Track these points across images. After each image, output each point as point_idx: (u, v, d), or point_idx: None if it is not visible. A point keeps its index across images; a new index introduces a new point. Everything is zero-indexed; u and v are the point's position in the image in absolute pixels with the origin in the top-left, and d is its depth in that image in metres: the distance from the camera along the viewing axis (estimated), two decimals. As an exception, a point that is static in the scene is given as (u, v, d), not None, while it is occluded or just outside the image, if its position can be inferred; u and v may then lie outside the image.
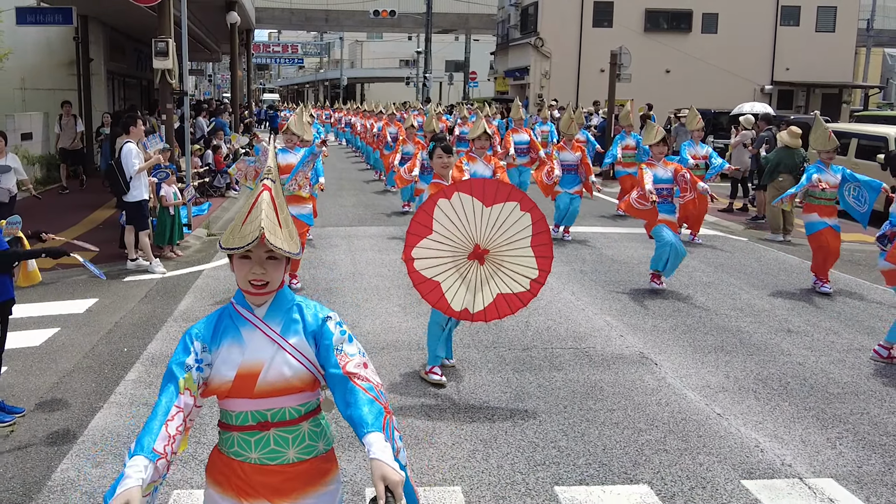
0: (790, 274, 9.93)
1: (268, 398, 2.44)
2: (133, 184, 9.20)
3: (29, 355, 6.50)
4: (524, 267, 5.38)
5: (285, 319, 2.48)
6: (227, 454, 2.52)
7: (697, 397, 5.71)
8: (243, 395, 2.44)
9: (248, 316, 2.48)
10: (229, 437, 2.51)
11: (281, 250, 2.38)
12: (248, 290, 2.46)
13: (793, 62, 34.60)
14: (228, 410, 2.49)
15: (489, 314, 5.42)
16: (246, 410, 2.46)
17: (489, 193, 5.26)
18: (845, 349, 6.93)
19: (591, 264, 10.08)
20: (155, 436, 2.29)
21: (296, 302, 2.53)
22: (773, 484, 4.48)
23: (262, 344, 2.45)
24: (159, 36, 11.18)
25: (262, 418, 2.46)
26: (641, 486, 4.40)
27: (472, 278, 5.34)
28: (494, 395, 5.66)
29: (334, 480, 2.60)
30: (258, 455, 2.47)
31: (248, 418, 2.46)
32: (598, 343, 6.88)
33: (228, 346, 2.46)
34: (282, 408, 2.45)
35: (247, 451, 2.48)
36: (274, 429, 2.47)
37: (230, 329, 2.48)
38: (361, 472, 4.48)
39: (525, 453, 4.76)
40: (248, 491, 2.48)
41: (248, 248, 2.36)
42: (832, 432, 5.20)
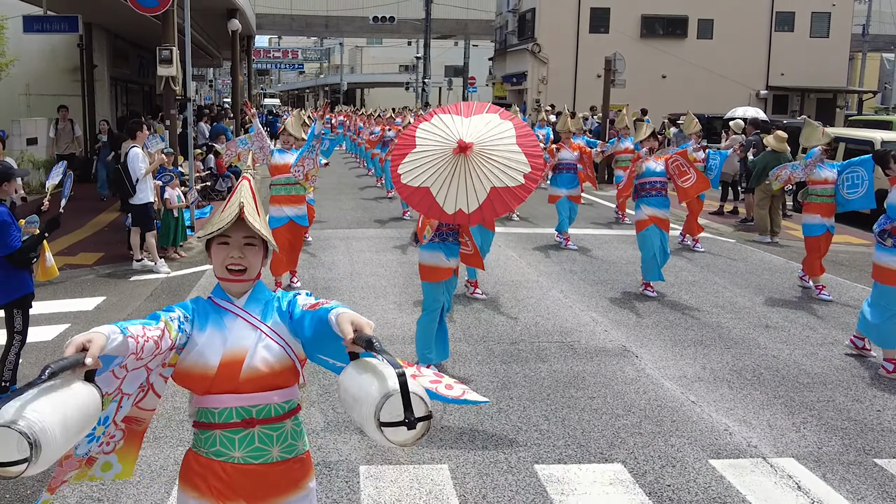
0: (773, 274, 10.27)
1: (253, 393, 2.41)
2: (139, 186, 9.55)
3: (42, 349, 6.84)
4: (514, 161, 5.02)
5: (264, 308, 2.49)
6: (206, 455, 2.45)
7: (674, 386, 6.06)
8: (228, 389, 2.40)
9: (228, 307, 2.47)
10: (210, 436, 2.44)
11: (260, 231, 2.40)
12: (225, 277, 2.46)
13: (787, 67, 35.01)
14: (211, 408, 2.43)
15: (486, 212, 5.02)
16: (231, 407, 2.41)
17: (467, 109, 5.29)
18: (819, 343, 7.28)
19: (581, 265, 10.43)
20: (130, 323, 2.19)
21: (272, 296, 2.54)
22: (738, 463, 4.82)
23: (244, 331, 2.43)
24: (163, 44, 11.53)
25: (248, 415, 2.41)
26: (615, 464, 4.75)
27: (462, 175, 4.99)
28: (482, 385, 6.00)
29: (312, 480, 2.57)
30: (242, 454, 2.42)
31: (232, 415, 2.41)
32: (583, 337, 7.23)
33: (211, 332, 2.43)
34: (267, 404, 2.42)
35: (230, 450, 2.42)
36: (259, 426, 2.42)
37: (213, 317, 2.46)
38: (356, 453, 4.82)
39: (508, 436, 5.11)
40: (227, 494, 2.42)
41: (227, 228, 2.38)
42: (798, 418, 5.54)
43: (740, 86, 33.88)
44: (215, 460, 2.43)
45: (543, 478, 4.55)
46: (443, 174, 5.01)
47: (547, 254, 11.12)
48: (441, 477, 4.55)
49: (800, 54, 34.83)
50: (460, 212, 5.01)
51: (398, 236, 12.21)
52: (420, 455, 4.81)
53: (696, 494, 4.42)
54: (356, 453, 4.82)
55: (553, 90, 33.74)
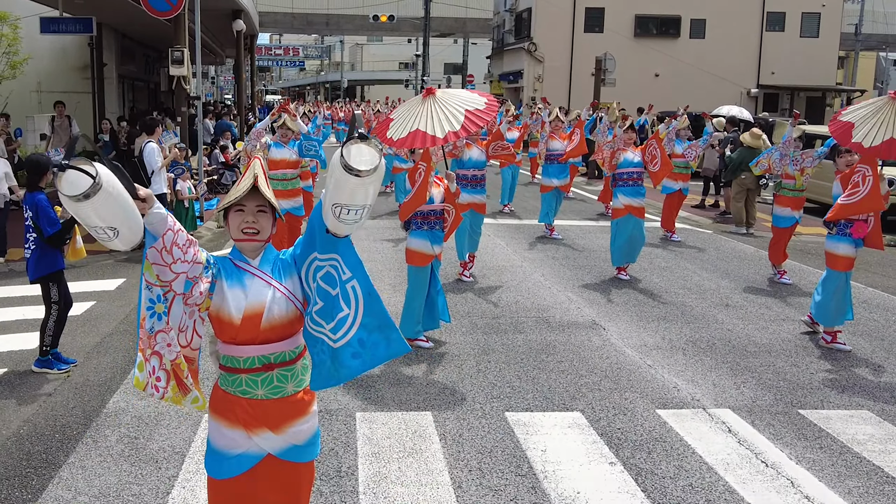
0: (743, 261, 11.06)
1: (271, 343, 2.94)
2: (154, 178, 10.34)
3: (72, 322, 7.62)
4: (474, 98, 6.06)
5: (273, 266, 2.98)
6: (232, 392, 2.99)
7: (634, 353, 6.86)
8: (250, 339, 2.91)
9: (245, 266, 2.95)
10: (237, 378, 2.97)
11: (270, 199, 2.89)
12: (240, 238, 2.92)
13: (778, 66, 35.80)
14: (236, 356, 2.95)
15: (470, 126, 5.80)
16: (253, 355, 2.94)
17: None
18: (772, 319, 8.07)
19: (563, 252, 11.22)
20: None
21: (278, 254, 3.04)
22: (681, 412, 5.62)
23: (261, 288, 2.92)
24: (175, 45, 12.29)
25: (267, 361, 2.95)
26: (574, 413, 5.55)
27: (437, 109, 5.83)
28: (464, 351, 6.80)
29: (315, 405, 3.14)
30: (263, 392, 2.96)
31: (254, 362, 2.94)
32: (557, 313, 8.03)
33: (235, 289, 2.91)
34: (282, 351, 2.97)
35: (254, 389, 2.96)
36: (277, 369, 2.97)
37: (235, 275, 2.94)
38: (353, 402, 5.62)
39: (484, 390, 5.92)
40: (253, 423, 2.97)
41: (242, 196, 2.85)
42: (739, 378, 6.34)
43: (732, 84, 34.66)
44: (241, 397, 2.98)
45: (512, 422, 5.36)
46: (423, 115, 5.84)
47: (532, 243, 11.91)
48: (425, 421, 5.36)
49: (790, 54, 35.62)
50: (450, 132, 5.76)
51: (393, 226, 12.98)
52: (407, 404, 5.62)
53: (641, 435, 5.23)
54: (353, 402, 5.62)
55: (548, 88, 34.48)
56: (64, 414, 5.49)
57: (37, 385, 6.03)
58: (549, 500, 4.36)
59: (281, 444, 3.03)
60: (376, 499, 4.34)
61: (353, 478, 4.57)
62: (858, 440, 5.26)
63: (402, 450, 4.94)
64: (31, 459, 4.81)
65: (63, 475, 4.59)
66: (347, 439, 5.07)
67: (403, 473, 4.63)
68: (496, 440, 5.10)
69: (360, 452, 4.87)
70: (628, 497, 4.41)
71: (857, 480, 4.71)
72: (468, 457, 4.86)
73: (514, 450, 4.96)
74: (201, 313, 2.89)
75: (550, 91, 34.06)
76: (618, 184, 9.58)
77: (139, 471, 4.64)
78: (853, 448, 5.14)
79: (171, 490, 4.42)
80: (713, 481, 4.63)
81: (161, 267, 2.72)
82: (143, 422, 5.35)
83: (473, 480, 4.57)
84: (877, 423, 5.55)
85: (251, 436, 3.00)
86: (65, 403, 5.67)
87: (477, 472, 4.66)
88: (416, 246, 6.82)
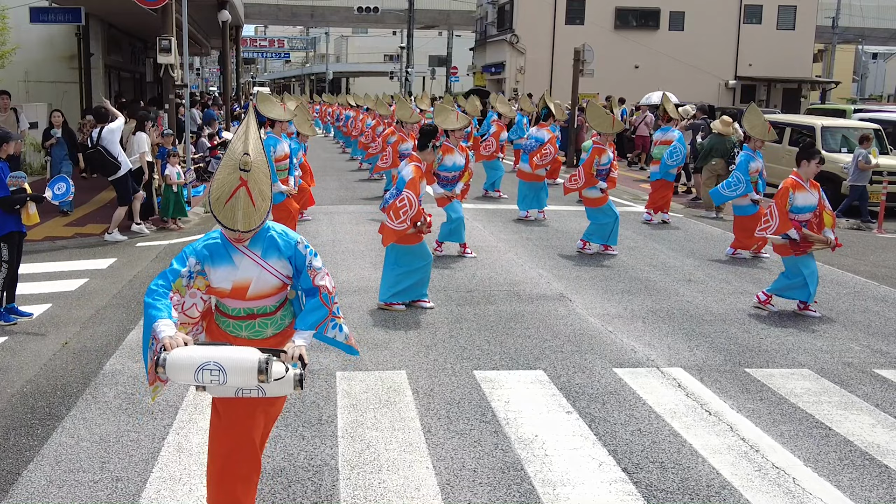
0: (709, 242, 11.58)
1: (255, 300, 3.52)
2: (120, 158, 10.55)
3: (68, 296, 8.04)
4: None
5: (263, 245, 3.47)
6: (223, 330, 3.64)
7: (597, 321, 7.35)
8: (238, 299, 3.51)
9: (237, 245, 3.46)
10: (225, 321, 3.61)
11: (257, 227, 3.35)
12: (230, 240, 3.45)
13: (755, 58, 36.47)
14: (227, 305, 3.57)
15: None
16: (239, 307, 3.55)
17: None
18: (730, 293, 8.58)
19: (537, 233, 11.71)
20: (167, 310, 3.28)
21: (269, 229, 3.50)
22: (636, 371, 6.11)
23: (249, 266, 3.44)
24: (163, 34, 12.64)
25: (250, 312, 3.55)
26: (537, 371, 6.03)
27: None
28: (439, 319, 7.27)
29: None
30: (247, 334, 3.59)
31: (240, 311, 3.56)
32: (527, 287, 8.51)
33: (224, 269, 3.43)
34: (264, 305, 3.56)
35: (238, 331, 3.59)
36: (259, 318, 3.59)
37: (224, 256, 3.44)
38: (333, 363, 6.06)
39: (455, 352, 6.39)
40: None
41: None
42: (693, 343, 6.84)
43: (710, 76, 35.29)
44: (230, 335, 3.61)
45: (479, 379, 5.83)
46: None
47: (507, 225, 12.39)
48: (399, 378, 5.82)
49: (767, 46, 36.31)
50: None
51: (374, 211, 13.41)
52: (384, 364, 6.09)
53: (597, 389, 5.71)
54: (333, 363, 6.07)
55: (530, 80, 35.00)
56: (64, 375, 5.91)
57: (36, 351, 6.44)
58: (509, 441, 4.83)
59: None
60: (353, 442, 4.79)
61: (333, 425, 5.02)
62: (796, 393, 5.77)
63: (378, 402, 5.40)
64: (36, 413, 5.23)
65: (66, 425, 5.02)
66: (328, 394, 5.52)
67: (378, 421, 5.09)
68: (464, 394, 5.57)
69: (339, 404, 5.33)
70: (581, 440, 4.89)
71: (789, 426, 5.21)
72: (437, 407, 5.33)
73: (480, 401, 5.43)
74: (202, 292, 3.50)
75: (532, 82, 34.56)
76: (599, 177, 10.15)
77: (136, 421, 5.08)
78: (790, 399, 5.64)
79: (167, 436, 4.86)
80: (659, 427, 5.12)
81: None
82: (139, 381, 5.77)
83: (441, 426, 5.03)
84: (814, 380, 6.06)
85: None
86: (64, 366, 6.08)
87: (445, 420, 5.13)
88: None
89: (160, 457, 4.58)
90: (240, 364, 3.13)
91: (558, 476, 4.42)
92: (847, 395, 5.78)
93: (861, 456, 4.80)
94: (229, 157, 3.40)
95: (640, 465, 4.59)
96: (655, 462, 4.63)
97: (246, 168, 3.31)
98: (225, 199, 3.29)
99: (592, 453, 4.71)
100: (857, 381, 6.05)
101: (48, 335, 6.83)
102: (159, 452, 4.64)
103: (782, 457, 4.74)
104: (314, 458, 4.58)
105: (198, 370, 3.11)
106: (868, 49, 69.08)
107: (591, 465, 4.56)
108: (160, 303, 3.30)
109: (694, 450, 4.80)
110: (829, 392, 5.82)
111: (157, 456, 4.59)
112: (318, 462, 4.54)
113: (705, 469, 4.56)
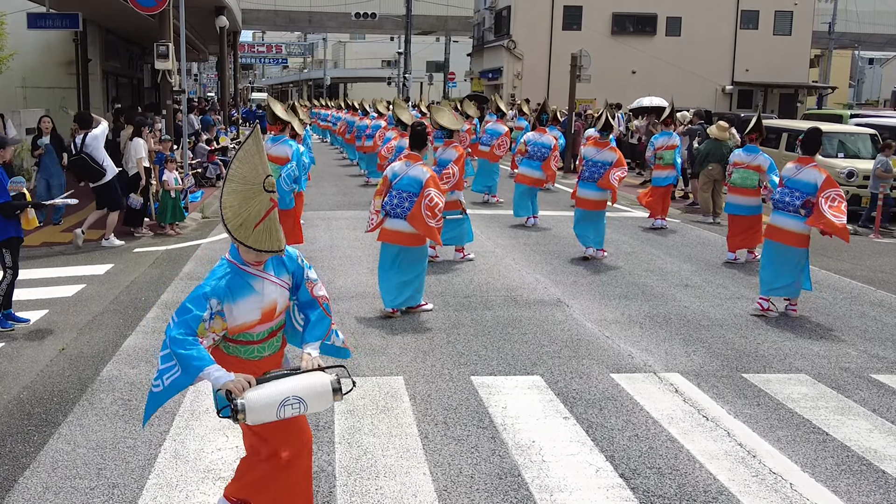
0: (706, 247, 11.59)
1: (277, 318, 3.62)
2: (106, 165, 10.53)
3: (65, 302, 8.03)
4: None
5: (273, 263, 3.57)
6: (242, 357, 3.58)
7: (594, 327, 7.35)
8: (267, 322, 3.56)
9: (252, 271, 3.49)
10: (248, 348, 3.59)
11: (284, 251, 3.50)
12: (251, 263, 3.47)
13: (752, 63, 36.56)
14: (252, 332, 3.55)
15: None
16: (265, 329, 3.59)
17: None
18: (727, 297, 8.59)
19: (535, 239, 11.72)
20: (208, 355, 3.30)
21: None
22: (633, 376, 6.11)
23: (271, 289, 3.53)
24: (160, 40, 12.66)
25: (272, 330, 3.64)
26: (535, 376, 6.03)
27: None
28: (436, 325, 7.27)
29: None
30: (269, 352, 3.66)
31: (264, 333, 3.61)
32: (525, 292, 8.51)
33: (248, 300, 3.45)
34: (280, 321, 3.67)
35: (262, 353, 3.63)
36: (278, 333, 3.69)
37: (243, 286, 3.45)
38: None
39: (452, 358, 6.39)
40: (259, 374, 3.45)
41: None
42: (690, 348, 6.84)
43: (707, 81, 35.36)
44: (251, 361, 3.59)
45: (477, 384, 5.83)
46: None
47: (504, 230, 12.40)
48: (397, 384, 5.82)
49: (763, 51, 36.40)
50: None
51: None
52: (381, 370, 6.08)
53: (594, 395, 5.71)
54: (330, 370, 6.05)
55: (527, 85, 35.06)
56: (61, 381, 5.90)
57: (33, 357, 6.43)
58: (507, 447, 4.83)
59: None
60: (350, 448, 4.79)
61: (330, 430, 5.02)
62: (793, 398, 5.77)
63: (375, 407, 5.39)
64: (32, 419, 5.22)
65: (62, 431, 5.01)
66: (325, 400, 5.51)
67: (376, 427, 5.09)
68: (461, 399, 5.56)
69: (335, 410, 5.32)
70: (578, 445, 4.89)
71: (786, 431, 5.21)
72: (435, 413, 5.32)
73: (478, 407, 5.43)
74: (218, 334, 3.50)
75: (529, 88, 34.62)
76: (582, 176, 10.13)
77: (133, 427, 5.07)
78: (787, 405, 5.64)
79: (163, 443, 4.85)
80: (657, 432, 5.12)
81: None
82: (136, 387, 5.77)
83: (439, 432, 5.03)
84: (811, 385, 6.07)
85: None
86: (61, 372, 6.07)
87: (442, 426, 5.13)
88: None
89: (157, 463, 4.57)
90: (315, 390, 3.33)
91: (555, 482, 4.42)
92: (844, 400, 5.79)
93: (858, 461, 4.81)
94: (245, 183, 3.37)
95: (637, 470, 4.59)
96: (653, 468, 4.63)
97: (272, 189, 3.38)
98: (253, 223, 3.34)
99: (590, 459, 4.71)
100: (854, 387, 6.06)
101: (45, 341, 6.82)
102: (156, 459, 4.63)
103: (779, 462, 4.75)
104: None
105: (279, 407, 3.24)
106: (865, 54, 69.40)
107: (588, 471, 4.56)
108: (196, 349, 3.29)
109: (691, 455, 4.80)
110: (826, 397, 5.83)
111: (153, 462, 4.59)
112: (315, 468, 4.52)
113: (702, 475, 4.56)
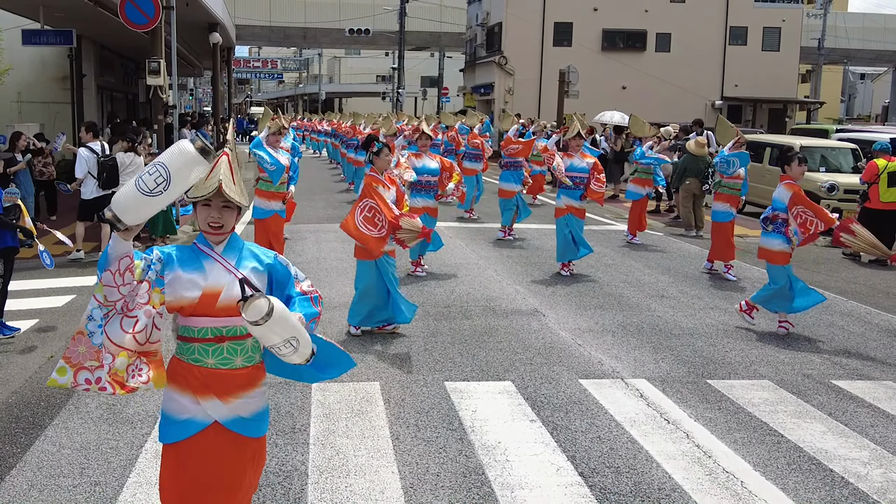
0: (685, 259, 11.85)
1: (225, 317, 3.12)
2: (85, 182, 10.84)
3: (55, 312, 8.25)
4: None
5: (238, 256, 3.20)
6: (186, 361, 3.19)
7: (568, 335, 7.59)
8: (207, 313, 3.12)
9: (209, 252, 3.17)
10: (190, 347, 3.17)
11: (234, 200, 3.09)
12: (207, 230, 3.15)
13: (741, 79, 37.02)
14: (192, 326, 3.16)
15: None
16: (207, 326, 3.14)
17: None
18: (701, 308, 8.83)
19: (517, 251, 11.97)
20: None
21: (244, 245, 3.27)
22: (601, 382, 6.34)
23: (220, 273, 3.14)
24: (152, 56, 12.92)
25: (219, 333, 3.15)
26: (506, 382, 6.26)
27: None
28: (414, 334, 7.50)
29: (264, 384, 3.35)
30: (213, 361, 3.17)
31: (207, 332, 3.15)
32: (503, 303, 8.75)
33: (190, 274, 3.11)
34: (234, 326, 3.13)
35: (204, 358, 3.16)
36: (228, 342, 3.18)
37: (192, 261, 3.14)
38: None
39: (428, 364, 6.62)
40: (202, 390, 3.16)
41: (209, 196, 3.06)
42: (659, 355, 7.08)
43: (696, 96, 35.77)
44: (193, 365, 3.18)
45: (450, 390, 6.06)
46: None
47: (489, 243, 12.65)
48: (373, 389, 6.05)
49: (752, 67, 36.87)
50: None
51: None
52: (359, 376, 6.31)
53: (561, 399, 5.94)
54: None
55: (519, 101, 35.42)
56: (48, 387, 6.10)
57: (22, 364, 6.65)
58: (473, 447, 5.06)
59: (227, 413, 3.22)
60: (324, 449, 5.01)
61: (306, 433, 5.24)
62: (754, 403, 6.00)
63: (350, 411, 5.62)
64: (20, 422, 5.44)
65: (48, 434, 5.23)
66: (303, 403, 5.74)
67: (349, 429, 5.31)
68: (433, 403, 5.79)
69: (312, 413, 5.55)
70: (542, 446, 5.12)
71: (743, 433, 5.44)
72: (407, 416, 5.55)
73: (449, 411, 5.66)
74: (157, 310, 3.11)
75: (520, 103, 34.98)
76: (562, 185, 10.30)
77: (116, 430, 5.29)
78: (747, 409, 5.88)
79: (145, 444, 5.07)
80: (618, 434, 5.35)
81: (111, 289, 2.94)
82: (120, 392, 5.97)
83: (410, 434, 5.26)
84: (773, 390, 6.30)
85: (200, 401, 3.19)
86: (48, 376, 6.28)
87: (413, 428, 5.35)
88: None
89: (138, 463, 4.79)
90: (172, 152, 2.91)
91: (517, 480, 4.64)
92: (802, 404, 6.02)
93: (809, 461, 5.04)
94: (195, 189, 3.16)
95: (596, 469, 4.82)
96: (611, 467, 4.86)
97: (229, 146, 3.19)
98: (206, 176, 3.07)
99: (552, 459, 4.93)
100: (813, 392, 6.30)
101: (35, 349, 7.04)
102: (137, 459, 4.84)
103: (733, 462, 4.97)
104: (285, 465, 4.79)
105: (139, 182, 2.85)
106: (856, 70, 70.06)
107: (549, 470, 4.78)
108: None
109: (649, 455, 5.02)
110: (786, 402, 6.06)
111: (134, 462, 4.80)
112: (289, 468, 4.75)
113: (658, 473, 4.79)
